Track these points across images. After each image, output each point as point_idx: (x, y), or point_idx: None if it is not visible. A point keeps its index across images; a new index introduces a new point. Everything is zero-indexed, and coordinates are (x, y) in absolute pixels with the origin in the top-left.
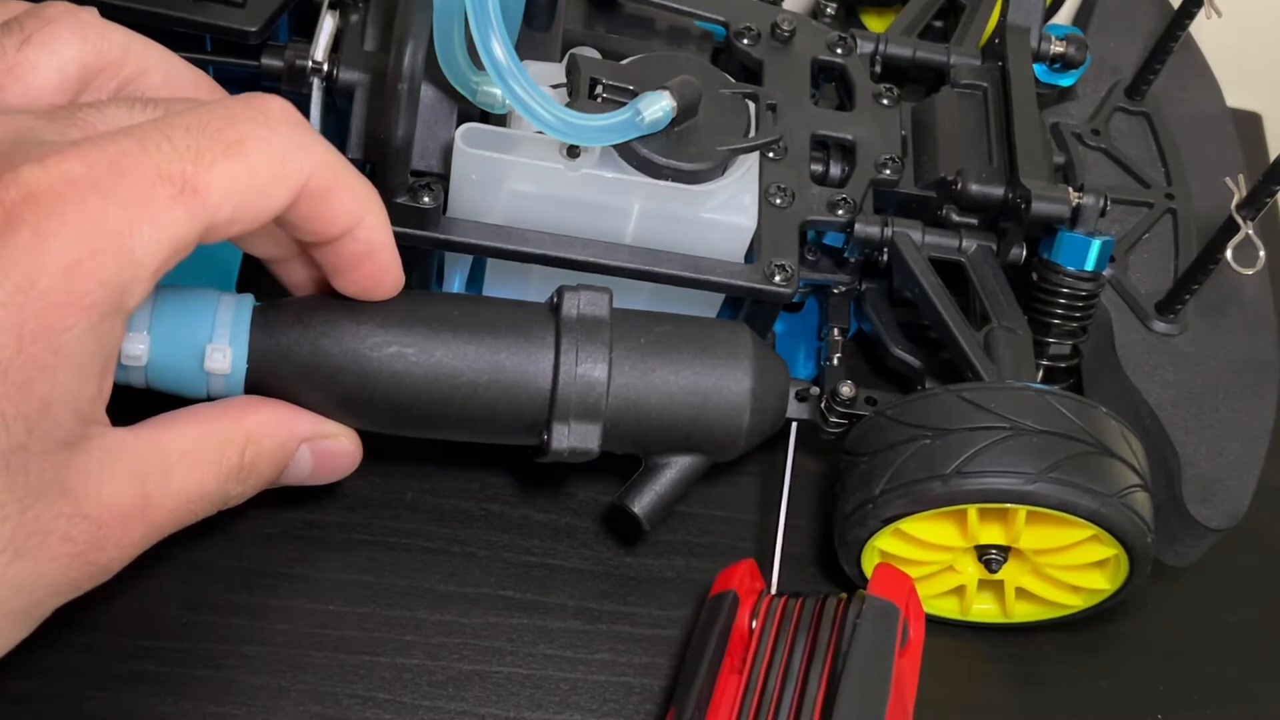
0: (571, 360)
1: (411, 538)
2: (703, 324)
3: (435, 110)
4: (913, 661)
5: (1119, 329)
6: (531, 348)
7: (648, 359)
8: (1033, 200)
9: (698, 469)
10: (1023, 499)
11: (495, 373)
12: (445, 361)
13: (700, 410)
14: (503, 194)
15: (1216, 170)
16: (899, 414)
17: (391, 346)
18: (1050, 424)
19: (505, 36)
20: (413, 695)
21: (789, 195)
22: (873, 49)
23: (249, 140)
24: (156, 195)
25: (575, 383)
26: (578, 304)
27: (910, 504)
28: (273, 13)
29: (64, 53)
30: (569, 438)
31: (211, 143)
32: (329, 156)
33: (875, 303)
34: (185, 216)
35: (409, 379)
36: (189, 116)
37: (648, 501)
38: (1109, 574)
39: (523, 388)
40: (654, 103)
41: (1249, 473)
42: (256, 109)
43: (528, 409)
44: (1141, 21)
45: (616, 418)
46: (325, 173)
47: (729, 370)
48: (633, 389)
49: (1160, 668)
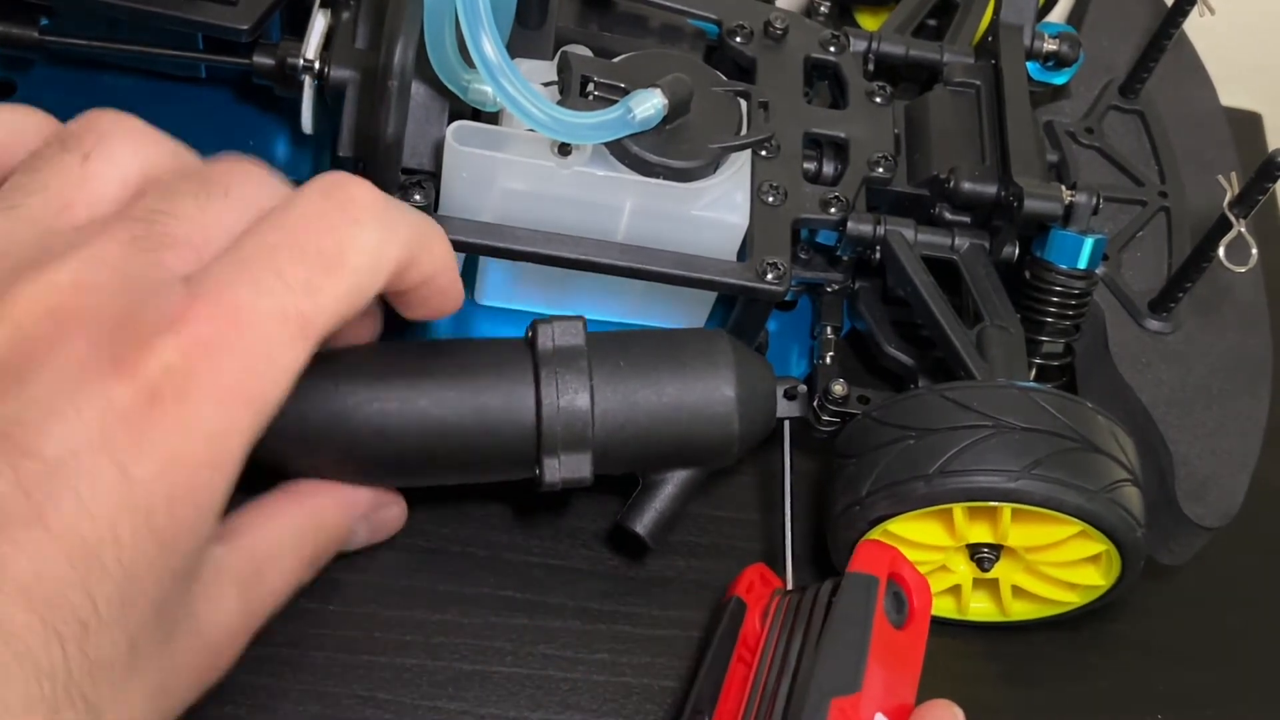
0: (553, 393)
1: (412, 538)
2: (679, 337)
3: (426, 108)
4: (917, 633)
5: (1112, 327)
6: (512, 385)
7: (629, 381)
8: (1025, 198)
9: (695, 481)
10: (1006, 496)
11: (480, 415)
12: (429, 412)
13: (689, 426)
14: (494, 192)
15: (1210, 169)
16: (884, 415)
17: (374, 404)
18: (1034, 421)
19: (496, 34)
20: (413, 695)
21: (781, 193)
22: (866, 47)
23: (348, 251)
24: (280, 339)
25: (559, 415)
26: (552, 335)
27: (895, 504)
28: (264, 11)
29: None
30: (560, 469)
31: (315, 265)
32: (411, 228)
33: (868, 301)
34: (304, 350)
35: (395, 433)
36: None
37: (649, 520)
38: (1102, 570)
39: (509, 426)
40: (645, 100)
41: (1242, 471)
42: (340, 204)
43: (517, 446)
44: (1135, 20)
45: (606, 444)
46: (412, 248)
47: (711, 381)
48: (618, 413)
49: (1160, 668)
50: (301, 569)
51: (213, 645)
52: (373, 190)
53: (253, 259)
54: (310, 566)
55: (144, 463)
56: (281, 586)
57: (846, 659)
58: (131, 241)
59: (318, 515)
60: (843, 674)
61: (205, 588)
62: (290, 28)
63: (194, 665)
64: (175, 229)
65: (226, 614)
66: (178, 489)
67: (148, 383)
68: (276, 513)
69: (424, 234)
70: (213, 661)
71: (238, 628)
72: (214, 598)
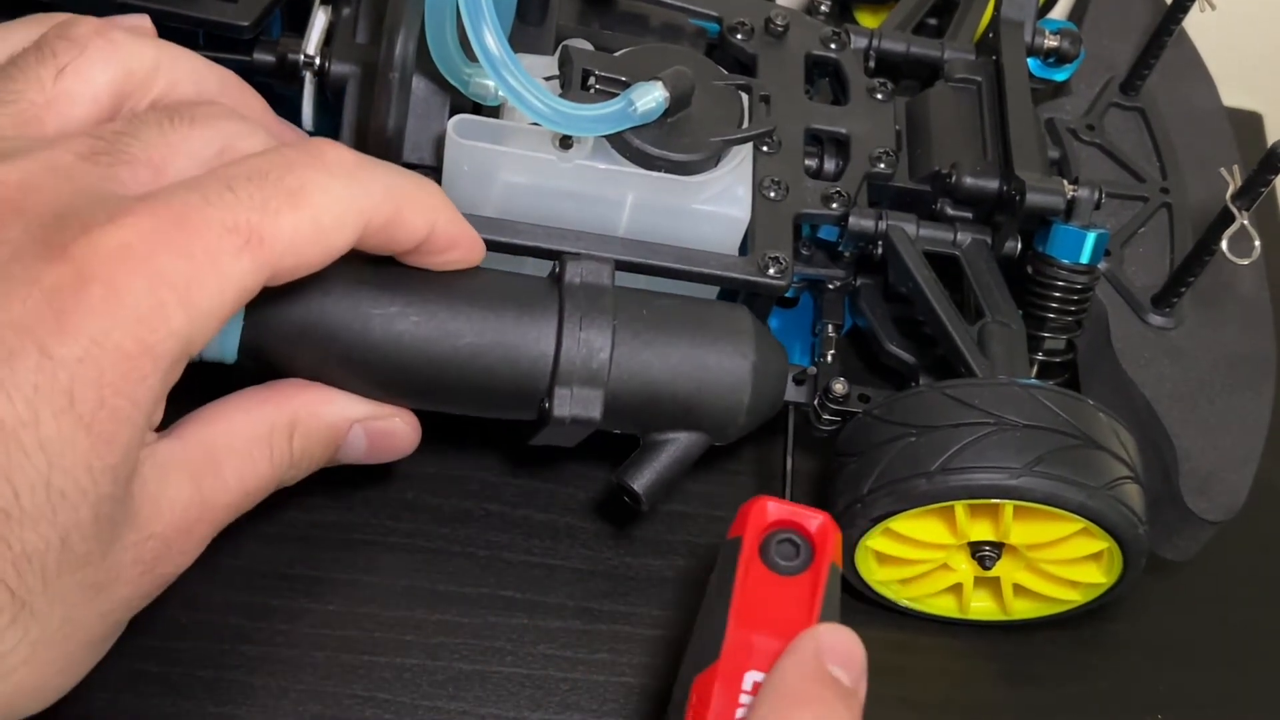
0: (575, 325)
1: (412, 538)
2: (703, 302)
3: (427, 102)
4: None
5: (1115, 323)
6: (535, 313)
7: (650, 329)
8: (1027, 192)
9: (697, 447)
10: (1007, 494)
11: (498, 335)
12: (448, 323)
13: (702, 384)
14: (495, 185)
15: (1211, 165)
16: (885, 413)
17: (393, 305)
18: (1035, 418)
19: (497, 26)
20: (413, 695)
21: (783, 188)
22: (867, 44)
23: (310, 187)
24: (223, 247)
25: (579, 347)
26: (580, 272)
27: (896, 502)
28: (265, 7)
29: (98, 79)
30: (571, 404)
31: (274, 191)
32: (388, 187)
33: (870, 298)
34: (251, 267)
35: (410, 339)
36: (248, 165)
37: (647, 479)
38: (1104, 567)
39: (525, 352)
40: (647, 93)
41: (1246, 465)
42: (312, 154)
43: (530, 374)
44: (1136, 17)
45: (619, 388)
46: (386, 206)
47: (732, 345)
48: (635, 357)
49: (1160, 668)
50: (273, 467)
51: (161, 537)
52: (349, 150)
53: (209, 178)
54: (288, 466)
55: (67, 343)
56: (248, 481)
57: (708, 631)
58: (89, 154)
59: (295, 412)
60: (705, 648)
61: (146, 483)
62: (291, 25)
63: (140, 559)
64: (135, 148)
65: (176, 505)
66: (105, 375)
67: (78, 266)
68: (242, 406)
69: (407, 190)
70: (163, 553)
71: (192, 520)
72: (157, 493)
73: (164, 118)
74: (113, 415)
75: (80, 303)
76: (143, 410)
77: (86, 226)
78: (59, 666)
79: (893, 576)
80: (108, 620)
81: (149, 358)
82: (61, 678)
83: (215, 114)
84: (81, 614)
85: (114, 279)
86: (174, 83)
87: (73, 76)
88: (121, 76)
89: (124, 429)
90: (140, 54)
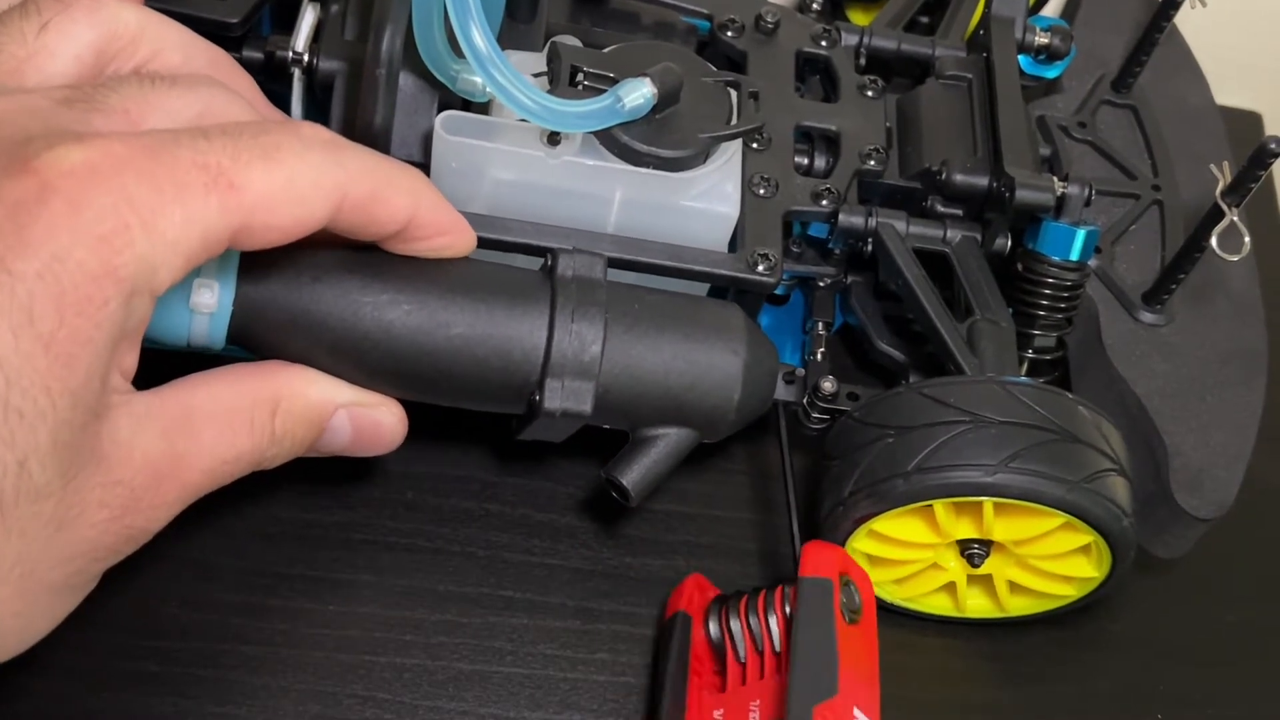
0: (567, 317)
1: (411, 538)
2: (695, 298)
3: (415, 99)
4: (867, 627)
5: (1105, 320)
6: (527, 304)
7: (642, 324)
8: (1017, 188)
9: (687, 443)
10: (984, 491)
11: (489, 326)
12: (438, 313)
13: (693, 379)
14: (484, 182)
15: (1203, 163)
16: (865, 415)
17: (384, 293)
18: (1011, 415)
19: (484, 23)
20: (413, 695)
21: (772, 185)
22: (857, 41)
23: (284, 149)
24: (192, 181)
25: (571, 339)
26: (573, 266)
27: (876, 504)
28: (254, 4)
29: (81, 37)
30: (561, 396)
31: (248, 145)
32: (365, 164)
33: (860, 296)
34: (219, 208)
35: (401, 328)
36: (224, 124)
37: (636, 474)
38: (1093, 561)
39: (517, 343)
40: (635, 89)
41: (1237, 462)
42: (291, 126)
43: (521, 365)
44: (1127, 14)
45: (610, 381)
46: (364, 181)
47: (723, 341)
48: (627, 351)
49: (1160, 668)
50: (252, 441)
51: (129, 485)
52: (326, 130)
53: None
54: (270, 441)
55: (27, 257)
56: (225, 449)
57: (820, 665)
58: (64, 100)
59: (281, 389)
60: (819, 681)
61: (117, 429)
62: (280, 23)
63: (106, 503)
64: (113, 100)
65: (148, 456)
66: (66, 293)
67: (42, 180)
68: (227, 377)
69: (385, 172)
70: (131, 504)
71: (162, 474)
72: (129, 441)
73: (146, 79)
74: (73, 335)
75: (40, 216)
76: (105, 333)
77: (52, 144)
78: (15, 608)
79: (885, 577)
80: (70, 566)
81: (111, 280)
82: (18, 620)
83: (199, 80)
84: (40, 551)
85: (77, 194)
86: (159, 50)
87: (55, 32)
88: (105, 37)
89: (85, 351)
90: (125, 17)
